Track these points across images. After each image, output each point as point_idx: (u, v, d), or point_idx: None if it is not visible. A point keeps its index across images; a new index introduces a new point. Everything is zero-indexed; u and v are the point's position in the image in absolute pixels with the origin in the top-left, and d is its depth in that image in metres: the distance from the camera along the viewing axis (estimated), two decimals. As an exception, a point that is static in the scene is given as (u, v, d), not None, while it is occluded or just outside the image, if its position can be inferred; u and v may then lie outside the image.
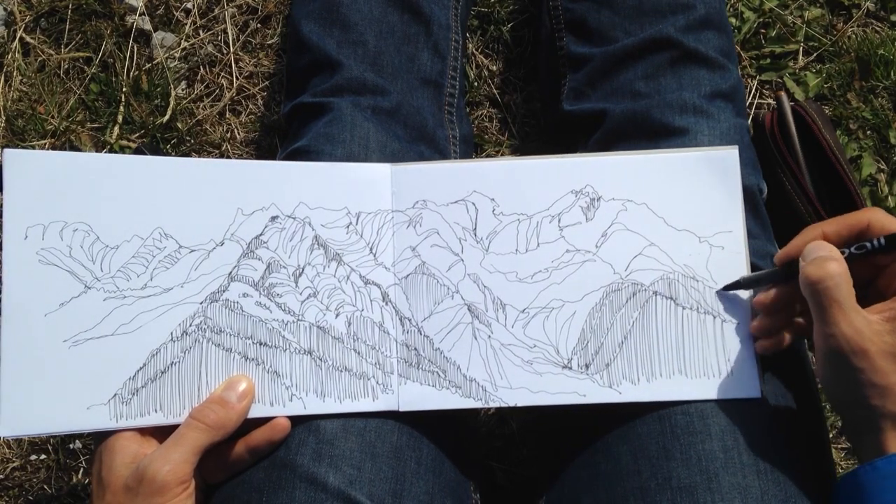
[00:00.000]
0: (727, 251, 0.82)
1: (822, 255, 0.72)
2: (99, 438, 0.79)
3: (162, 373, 0.79)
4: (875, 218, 0.74)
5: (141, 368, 0.79)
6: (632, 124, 0.97)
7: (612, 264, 0.82)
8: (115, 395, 0.78)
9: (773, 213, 1.23)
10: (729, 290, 0.82)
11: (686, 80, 0.97)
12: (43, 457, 1.30)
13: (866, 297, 0.74)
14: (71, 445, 1.30)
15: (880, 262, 0.73)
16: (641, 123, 0.96)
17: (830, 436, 1.26)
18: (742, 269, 0.82)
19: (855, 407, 0.71)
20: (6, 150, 0.78)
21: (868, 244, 0.73)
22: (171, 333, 0.79)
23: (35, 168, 0.79)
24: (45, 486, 1.30)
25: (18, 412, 0.76)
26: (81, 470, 1.29)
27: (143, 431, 0.79)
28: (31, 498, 1.29)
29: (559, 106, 1.08)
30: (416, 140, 1.00)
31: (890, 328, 0.68)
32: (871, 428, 0.69)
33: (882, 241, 0.71)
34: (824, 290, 0.70)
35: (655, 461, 0.79)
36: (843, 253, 0.73)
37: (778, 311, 0.78)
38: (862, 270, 0.74)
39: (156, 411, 0.78)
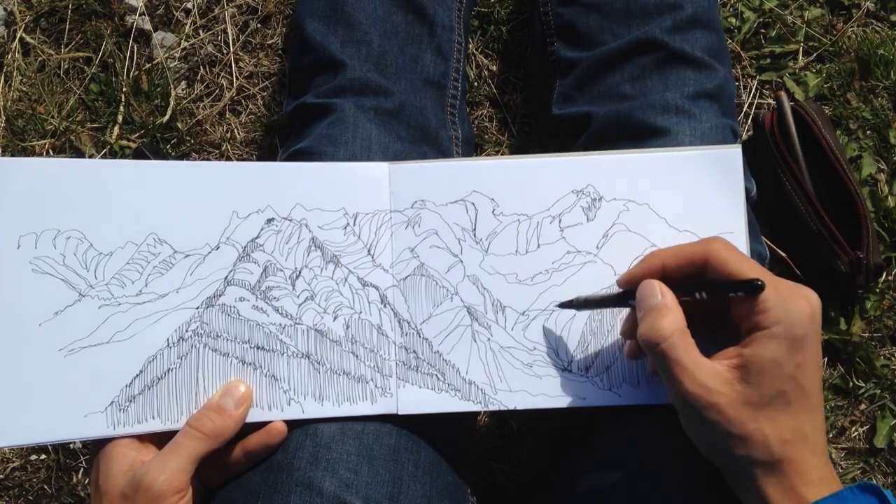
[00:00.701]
0: None
1: (651, 306, 0.71)
2: (97, 446, 0.78)
3: (159, 379, 0.78)
4: (714, 251, 0.72)
5: (137, 375, 0.78)
6: (615, 126, 0.97)
7: (612, 266, 0.82)
8: (112, 402, 0.77)
9: (773, 213, 1.24)
10: (564, 308, 0.82)
11: (671, 81, 0.97)
12: (43, 457, 1.30)
13: (723, 328, 0.73)
14: (71, 446, 1.30)
15: (729, 299, 0.71)
16: (624, 125, 0.96)
17: (830, 436, 1.25)
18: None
19: (723, 458, 0.70)
20: None
21: (697, 295, 0.71)
22: (168, 339, 0.79)
23: (26, 176, 0.78)
24: (45, 486, 1.30)
25: (15, 421, 0.76)
26: (81, 470, 1.29)
27: (142, 438, 0.78)
28: (31, 498, 1.29)
29: (549, 110, 1.08)
30: (418, 141, 1.00)
31: (739, 375, 0.67)
32: (745, 476, 0.68)
33: (740, 293, 0.69)
34: (661, 353, 0.68)
35: (649, 460, 0.79)
36: (688, 298, 0.72)
37: None
38: (713, 306, 0.73)
39: (153, 418, 0.78)
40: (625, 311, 0.80)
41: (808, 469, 0.66)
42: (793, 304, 0.67)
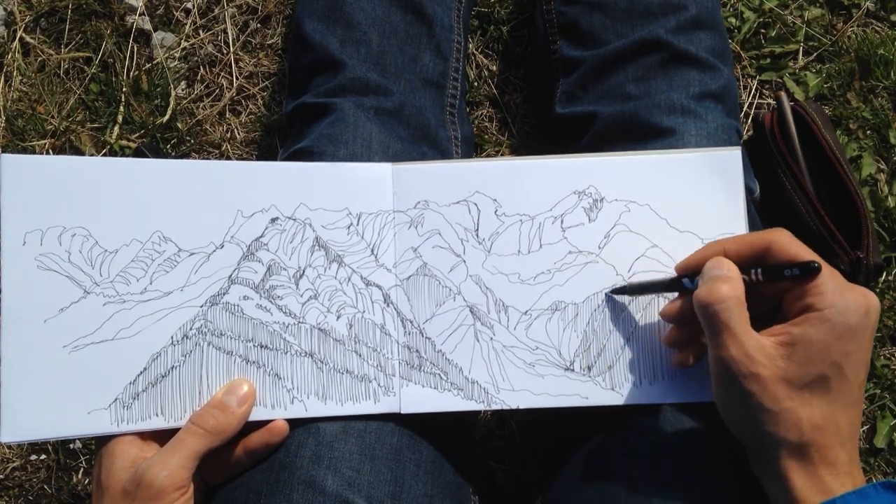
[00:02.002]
0: None
1: (715, 275, 0.71)
2: (100, 442, 0.78)
3: (163, 377, 0.79)
4: (777, 240, 0.72)
5: (141, 373, 0.78)
6: (620, 126, 0.97)
7: (614, 266, 0.82)
8: (116, 399, 0.78)
9: (773, 213, 1.24)
10: (616, 295, 0.82)
11: (676, 81, 0.97)
12: (43, 457, 1.30)
13: (773, 318, 0.73)
14: (71, 445, 1.30)
15: (783, 286, 0.72)
16: (630, 125, 0.96)
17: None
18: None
19: (750, 432, 0.70)
20: (3, 156, 0.78)
21: (753, 273, 0.72)
22: (172, 337, 0.79)
23: (33, 173, 0.78)
24: (45, 486, 1.29)
25: (19, 418, 0.76)
26: (81, 470, 1.29)
27: (144, 435, 0.78)
28: (31, 498, 1.29)
29: (552, 109, 1.08)
30: (418, 141, 1.00)
31: (784, 353, 0.67)
32: (769, 455, 0.68)
33: (795, 270, 0.69)
34: (714, 314, 0.69)
35: (646, 460, 0.79)
36: (745, 277, 0.72)
37: (686, 322, 0.77)
38: (769, 291, 0.73)
39: (157, 415, 0.78)
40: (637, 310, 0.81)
41: (836, 460, 0.66)
42: (849, 293, 0.68)
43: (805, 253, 0.70)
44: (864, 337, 0.67)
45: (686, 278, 0.76)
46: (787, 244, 0.71)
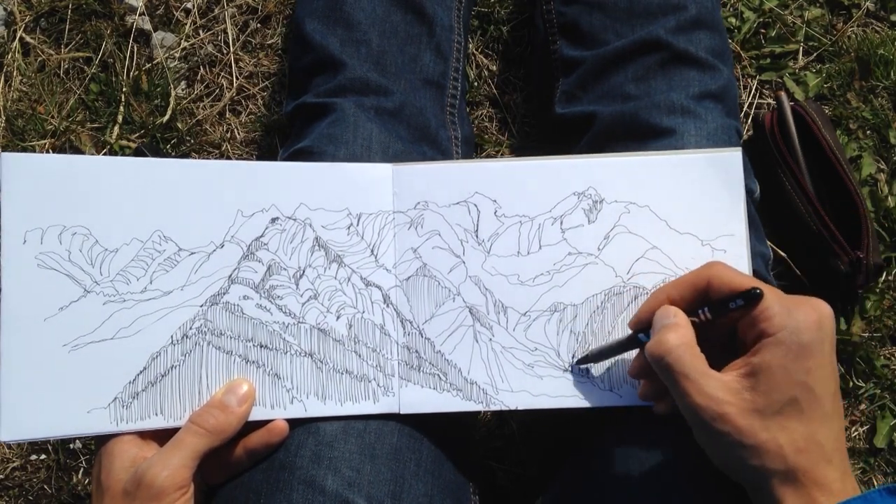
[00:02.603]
0: (729, 254, 0.81)
1: (661, 326, 0.71)
2: (100, 442, 0.78)
3: (162, 376, 0.79)
4: (714, 274, 0.72)
5: (141, 372, 0.78)
6: (620, 126, 0.97)
7: (613, 267, 0.82)
8: (116, 398, 0.78)
9: (773, 213, 1.24)
10: (581, 365, 0.82)
11: (676, 81, 0.97)
12: (43, 457, 1.30)
13: (735, 348, 0.72)
14: (71, 445, 1.30)
15: (734, 317, 0.71)
16: (629, 125, 0.96)
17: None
18: (744, 272, 0.80)
19: (738, 469, 0.69)
20: (4, 155, 0.78)
21: (701, 314, 0.72)
22: (172, 337, 0.79)
23: (33, 171, 0.78)
24: (45, 486, 1.30)
25: (19, 417, 0.76)
26: (81, 470, 1.29)
27: (144, 435, 0.78)
28: (31, 498, 1.29)
29: (552, 109, 1.08)
30: (418, 141, 1.00)
31: (748, 384, 0.67)
32: (761, 487, 0.68)
33: (739, 301, 0.69)
34: (668, 366, 0.68)
35: (645, 460, 0.79)
36: (694, 319, 0.72)
37: (653, 375, 0.74)
38: (724, 324, 0.73)
39: (156, 415, 0.78)
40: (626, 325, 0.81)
41: (826, 480, 0.65)
42: (797, 311, 0.67)
43: (745, 281, 0.70)
44: (822, 349, 0.67)
45: (641, 333, 0.76)
46: (725, 275, 0.72)
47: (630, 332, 0.78)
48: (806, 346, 0.66)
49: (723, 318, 0.71)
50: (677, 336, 0.69)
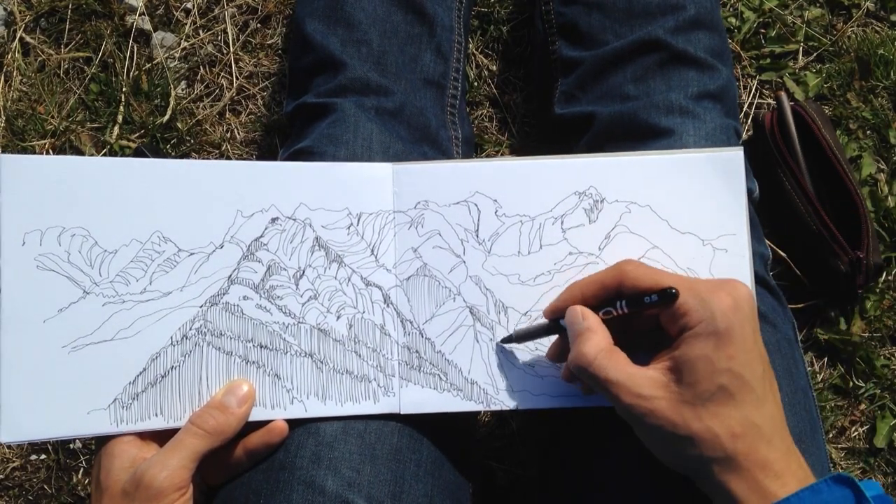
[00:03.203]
0: (730, 254, 0.81)
1: (576, 332, 0.72)
2: (99, 442, 0.78)
3: (162, 377, 0.78)
4: (627, 271, 0.73)
5: (141, 373, 0.78)
6: (619, 126, 0.97)
7: None
8: (116, 399, 0.78)
9: (773, 213, 1.24)
10: (505, 345, 0.82)
11: (675, 82, 0.97)
12: (43, 457, 1.30)
13: (663, 341, 0.72)
14: (71, 445, 1.30)
15: (654, 312, 0.72)
16: (628, 125, 0.96)
17: (830, 436, 1.26)
18: (745, 272, 0.81)
19: (680, 461, 0.70)
20: (3, 156, 0.78)
21: (614, 309, 0.73)
22: (171, 337, 0.79)
23: (32, 173, 0.78)
24: (45, 486, 1.30)
25: (18, 418, 0.76)
26: (81, 470, 1.29)
27: (143, 435, 0.78)
28: (31, 498, 1.29)
29: (551, 109, 1.08)
30: (419, 141, 1.00)
31: (674, 377, 0.67)
32: (705, 475, 0.68)
33: (654, 297, 0.70)
34: (592, 375, 0.69)
35: (645, 459, 0.79)
36: (613, 312, 0.73)
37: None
38: (647, 317, 0.73)
39: (156, 415, 0.78)
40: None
41: (768, 461, 0.65)
42: (711, 299, 0.67)
43: (658, 278, 0.71)
44: (743, 332, 0.67)
45: (562, 319, 0.76)
46: (637, 273, 0.72)
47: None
48: (724, 332, 0.66)
49: (640, 312, 0.72)
50: (593, 345, 0.70)
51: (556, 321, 0.78)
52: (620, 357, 0.70)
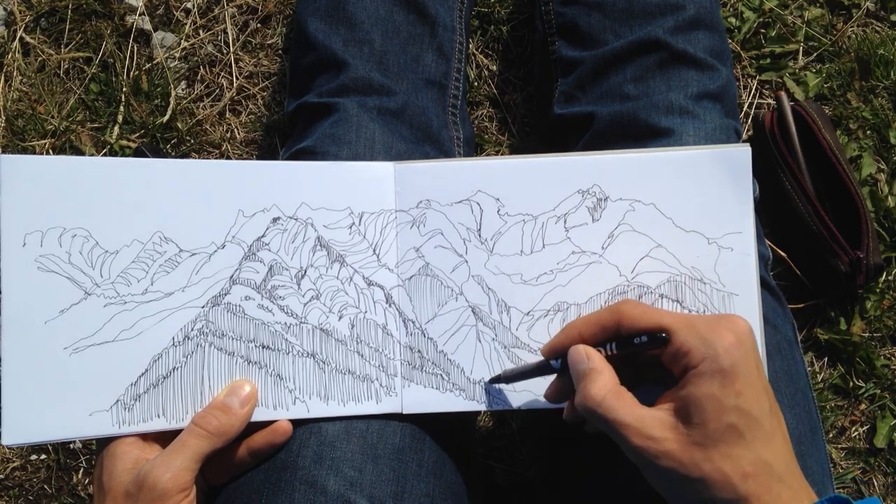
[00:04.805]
0: (736, 253, 0.80)
1: (581, 374, 0.70)
2: (102, 444, 0.78)
3: (164, 378, 0.78)
4: (625, 312, 0.71)
5: (143, 374, 0.78)
6: (619, 126, 0.97)
7: (618, 266, 0.81)
8: (118, 401, 0.77)
9: (773, 213, 1.24)
10: (494, 384, 0.81)
11: (674, 82, 0.97)
12: (43, 457, 1.30)
13: (664, 374, 0.71)
14: (71, 445, 1.30)
15: (653, 352, 0.70)
16: (628, 125, 0.96)
17: (830, 436, 1.26)
18: (751, 271, 0.80)
19: (693, 503, 0.67)
20: (3, 157, 0.77)
21: (608, 348, 0.72)
22: (173, 338, 0.79)
23: (32, 173, 0.78)
24: (45, 486, 1.29)
25: (20, 420, 0.76)
26: (81, 470, 1.29)
27: (146, 436, 0.78)
28: (31, 498, 1.29)
29: (551, 109, 1.08)
30: (421, 141, 1.00)
31: (682, 418, 0.65)
32: None
33: (643, 338, 0.69)
34: (600, 417, 0.67)
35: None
36: (604, 352, 0.71)
37: (570, 395, 0.74)
38: (647, 355, 0.72)
39: (158, 416, 0.78)
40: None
41: (781, 500, 0.64)
42: (713, 337, 0.66)
43: (658, 317, 0.69)
44: (747, 369, 0.65)
45: (555, 361, 0.75)
46: (634, 315, 0.71)
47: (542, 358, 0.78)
48: (729, 370, 0.64)
49: (631, 353, 0.71)
50: (600, 386, 0.68)
51: (546, 363, 0.76)
52: (628, 397, 0.68)
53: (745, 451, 0.64)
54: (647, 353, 0.71)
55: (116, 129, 1.36)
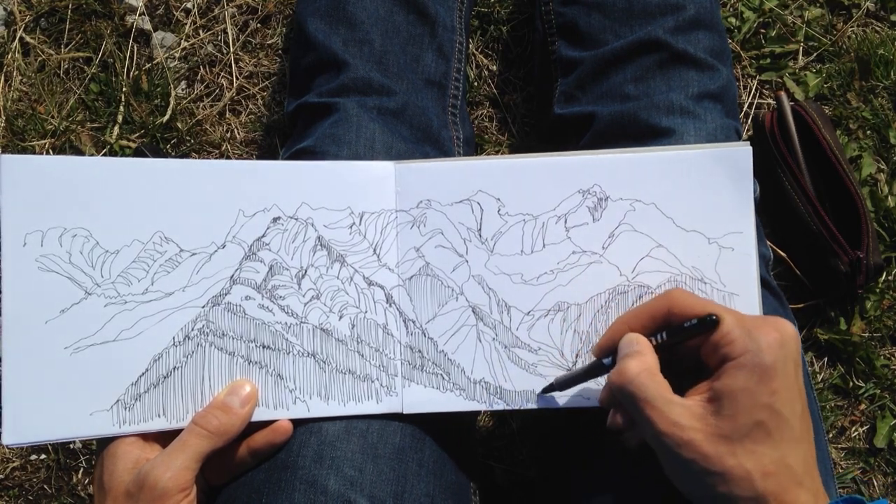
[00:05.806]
0: (737, 252, 0.80)
1: (623, 354, 0.70)
2: (102, 443, 0.78)
3: (164, 378, 0.78)
4: (675, 300, 0.71)
5: (143, 374, 0.78)
6: (619, 126, 0.96)
7: (618, 266, 0.81)
8: (118, 400, 0.77)
9: (773, 213, 1.24)
10: (547, 394, 0.81)
11: (675, 82, 0.97)
12: (43, 457, 1.30)
13: (701, 374, 0.70)
14: (71, 445, 1.30)
15: (695, 342, 0.70)
16: (628, 125, 0.96)
17: (830, 436, 1.26)
18: (751, 271, 0.80)
19: (706, 498, 0.67)
20: (3, 157, 0.77)
21: (658, 337, 0.71)
22: (174, 338, 0.79)
23: (32, 173, 0.78)
24: (45, 486, 1.29)
25: (21, 420, 0.76)
26: (81, 470, 1.29)
27: (146, 436, 0.78)
28: (31, 498, 1.29)
29: (551, 110, 1.08)
30: (421, 141, 1.00)
31: (712, 409, 0.65)
32: None
33: (693, 321, 0.68)
34: (630, 394, 0.67)
35: (645, 459, 0.79)
36: (653, 342, 0.71)
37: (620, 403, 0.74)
38: (688, 349, 0.71)
39: (159, 416, 0.78)
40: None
41: (797, 502, 0.63)
42: (758, 332, 0.66)
43: (705, 306, 0.69)
44: (786, 370, 0.65)
45: (606, 359, 0.75)
46: (685, 301, 0.71)
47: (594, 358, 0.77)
48: (769, 367, 0.64)
49: (680, 341, 0.70)
50: (638, 363, 0.68)
51: (600, 362, 0.76)
52: (661, 381, 0.68)
53: (771, 449, 0.64)
54: (689, 345, 0.70)
55: (116, 129, 1.36)
